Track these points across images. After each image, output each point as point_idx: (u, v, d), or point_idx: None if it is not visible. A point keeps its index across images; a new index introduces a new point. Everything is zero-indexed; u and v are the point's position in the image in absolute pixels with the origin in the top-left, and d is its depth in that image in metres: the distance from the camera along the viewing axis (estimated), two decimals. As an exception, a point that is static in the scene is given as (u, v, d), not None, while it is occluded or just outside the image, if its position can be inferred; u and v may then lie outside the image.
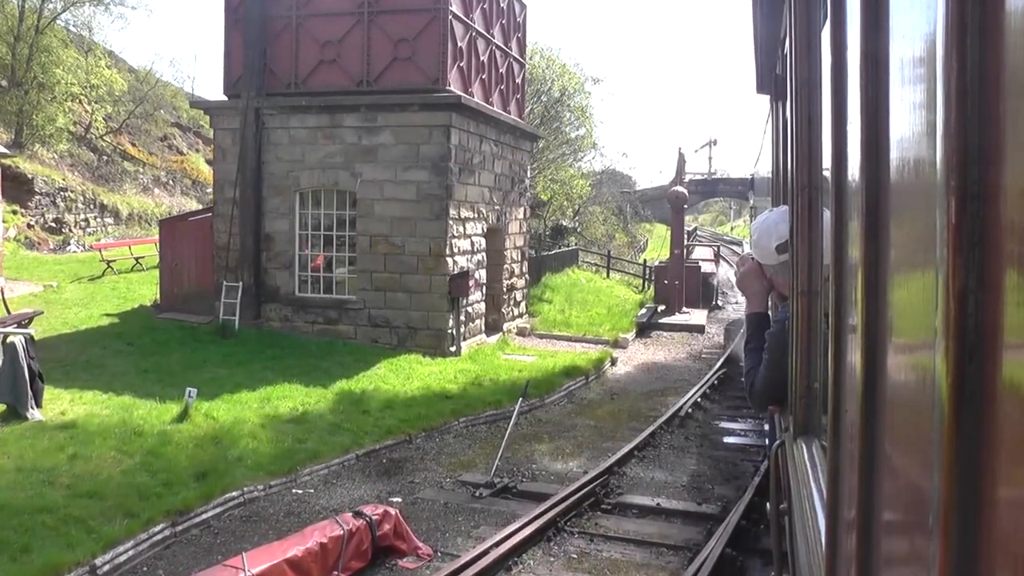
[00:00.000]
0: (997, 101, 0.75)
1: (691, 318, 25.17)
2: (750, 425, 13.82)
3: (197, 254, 20.18)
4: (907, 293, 1.09)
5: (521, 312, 23.08)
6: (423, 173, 17.58)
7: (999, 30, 0.74)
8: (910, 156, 1.06)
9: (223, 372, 14.61)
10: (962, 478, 0.80)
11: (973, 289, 0.78)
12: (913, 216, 1.06)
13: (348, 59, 18.30)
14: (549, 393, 15.37)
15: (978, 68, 0.78)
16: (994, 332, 0.75)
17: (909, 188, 1.08)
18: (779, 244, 3.41)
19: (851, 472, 1.45)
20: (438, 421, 12.94)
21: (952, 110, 0.80)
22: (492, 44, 20.56)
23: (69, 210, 34.50)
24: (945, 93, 0.81)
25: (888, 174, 1.20)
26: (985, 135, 0.77)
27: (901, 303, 1.14)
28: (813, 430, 2.88)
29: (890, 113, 1.20)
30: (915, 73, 1.03)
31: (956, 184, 0.79)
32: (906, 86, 1.10)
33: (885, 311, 1.21)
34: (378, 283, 17.95)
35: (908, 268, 1.10)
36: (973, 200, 0.78)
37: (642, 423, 13.84)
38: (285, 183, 18.56)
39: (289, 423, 12.10)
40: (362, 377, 14.82)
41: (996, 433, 0.75)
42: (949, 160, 0.80)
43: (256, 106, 18.51)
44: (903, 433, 1.12)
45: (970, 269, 0.78)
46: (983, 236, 0.77)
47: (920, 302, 0.96)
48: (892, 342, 1.18)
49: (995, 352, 0.75)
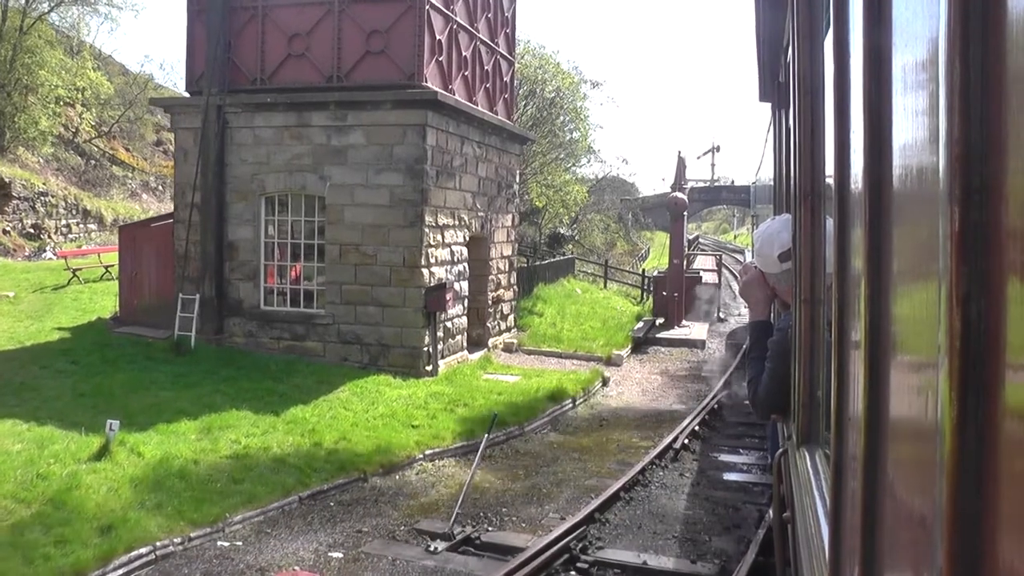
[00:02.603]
0: (1001, 108, 0.75)
1: (691, 332, 23.64)
2: (754, 459, 12.31)
3: (159, 263, 18.71)
4: (910, 301, 1.10)
5: (509, 326, 21.58)
6: (397, 176, 16.12)
7: (1003, 36, 0.74)
8: (913, 163, 1.06)
9: (167, 396, 13.11)
10: (966, 486, 0.79)
11: (976, 297, 0.78)
12: (916, 223, 1.06)
13: (317, 53, 16.86)
14: (530, 419, 13.86)
15: (982, 74, 0.78)
16: (998, 340, 0.75)
17: (912, 195, 1.08)
18: (781, 252, 3.38)
19: (854, 481, 1.44)
20: (400, 455, 11.44)
21: (955, 117, 0.80)
22: (476, 39, 19.11)
23: (49, 215, 33.50)
24: (948, 100, 0.82)
25: (891, 181, 1.21)
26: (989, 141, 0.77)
27: (904, 311, 1.14)
28: (816, 439, 2.88)
29: (893, 120, 1.20)
30: (918, 80, 1.02)
31: (959, 191, 0.80)
32: (909, 93, 1.10)
33: (888, 319, 1.22)
34: (348, 296, 16.48)
35: (911, 276, 1.10)
36: (976, 207, 0.78)
37: (632, 455, 12.34)
38: (249, 187, 17.11)
39: (228, 459, 10.62)
40: (321, 402, 13.32)
41: (1000, 442, 0.75)
42: (952, 167, 0.81)
43: (219, 103, 17.06)
44: (906, 442, 1.11)
45: (973, 277, 0.78)
46: (987, 243, 0.77)
47: (923, 310, 0.96)
48: (895, 351, 1.19)
49: (999, 360, 0.75)
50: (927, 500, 0.89)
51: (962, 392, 0.78)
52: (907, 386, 1.09)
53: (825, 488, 2.23)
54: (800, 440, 3.01)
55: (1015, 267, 0.70)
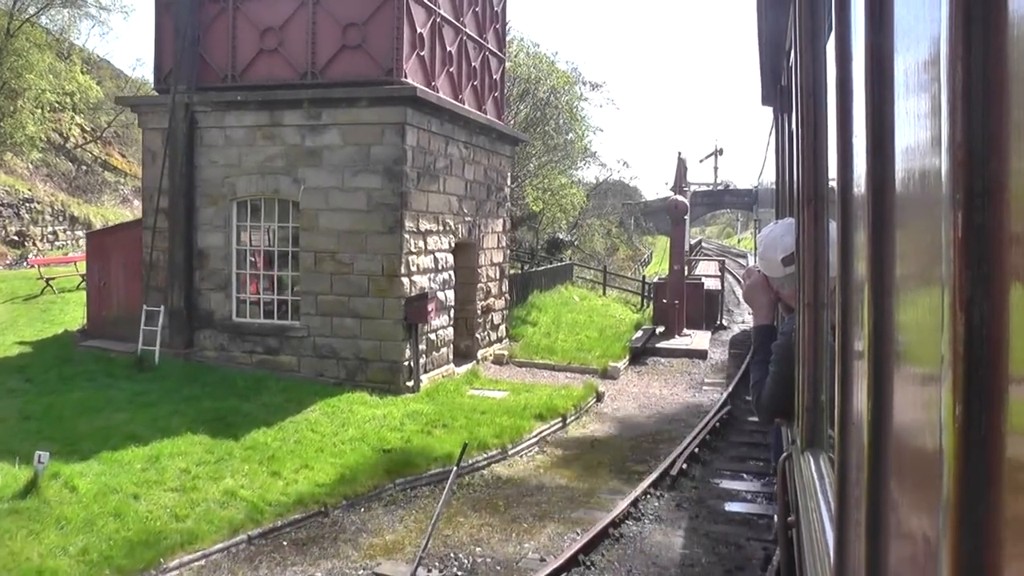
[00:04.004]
0: (1003, 110, 0.74)
1: (692, 342, 22.51)
2: (758, 486, 11.21)
3: (127, 272, 17.65)
4: (913, 305, 1.08)
5: (500, 336, 20.48)
6: (375, 179, 15.06)
7: (1005, 39, 0.74)
8: (916, 167, 1.05)
9: (121, 418, 12.03)
10: (971, 490, 0.78)
11: (979, 301, 0.77)
12: (919, 227, 1.04)
13: (291, 47, 15.82)
14: (516, 441, 12.75)
15: (984, 77, 0.77)
16: (1001, 344, 0.75)
17: (915, 199, 1.07)
18: (785, 256, 3.35)
19: (859, 485, 1.44)
20: (367, 484, 10.36)
21: (958, 120, 0.79)
22: (463, 33, 18.05)
23: (35, 222, 32.75)
24: (951, 103, 0.81)
25: (894, 185, 1.20)
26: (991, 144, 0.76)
27: (907, 315, 1.12)
28: (820, 443, 2.84)
29: (895, 124, 1.20)
30: (920, 83, 1.01)
31: (962, 195, 0.79)
32: (911, 96, 1.08)
33: (892, 323, 1.21)
34: (324, 307, 15.41)
35: (914, 280, 1.08)
36: (979, 210, 0.77)
37: (624, 483, 11.24)
38: (220, 191, 16.06)
39: (173, 491, 9.55)
40: (287, 424, 12.23)
41: (1004, 445, 0.74)
42: (955, 171, 0.80)
43: (187, 101, 16.04)
44: (911, 446, 1.09)
45: (976, 281, 0.78)
46: (989, 246, 0.76)
47: (927, 314, 0.95)
48: (899, 354, 1.16)
49: (1003, 363, 0.74)
50: (932, 504, 0.87)
51: (966, 396, 0.78)
52: (911, 390, 1.08)
53: (830, 492, 2.24)
54: (804, 444, 3.00)
55: (1019, 271, 0.71)
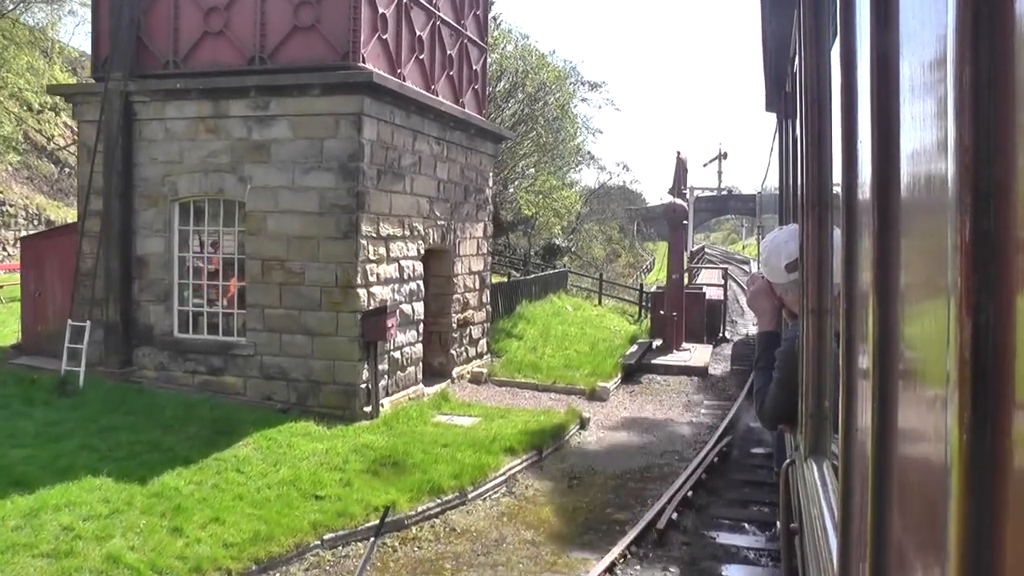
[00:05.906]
0: (1010, 114, 0.74)
1: (691, 357, 20.67)
2: (764, 540, 9.38)
3: (65, 282, 15.85)
4: (919, 312, 1.07)
5: (480, 352, 18.68)
6: (328, 177, 13.30)
7: (1012, 41, 0.73)
8: (921, 171, 1.04)
9: (17, 457, 10.21)
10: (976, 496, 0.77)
11: (986, 307, 0.77)
12: (925, 232, 1.04)
13: (238, 29, 14.06)
14: (479, 482, 10.93)
15: (990, 81, 0.76)
16: (1008, 350, 0.74)
17: (921, 203, 1.06)
18: (789, 263, 3.36)
19: (863, 492, 1.44)
20: (287, 543, 8.55)
21: (965, 123, 0.79)
22: (436, 18, 16.28)
23: (7, 226, 31.35)
24: (957, 107, 0.81)
25: (899, 190, 1.19)
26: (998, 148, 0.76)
27: (913, 322, 1.12)
28: (823, 449, 2.84)
29: (901, 128, 1.19)
30: (926, 87, 1.01)
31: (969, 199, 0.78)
32: (917, 100, 1.08)
33: (896, 330, 1.20)
34: (272, 322, 13.64)
35: (920, 286, 1.08)
36: (986, 214, 0.77)
37: (602, 536, 9.43)
38: (160, 190, 14.32)
39: (43, 558, 7.75)
40: (211, 462, 10.42)
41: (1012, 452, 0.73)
42: (961, 174, 0.80)
43: (123, 90, 14.30)
44: (916, 453, 1.09)
45: (983, 286, 0.77)
46: (996, 251, 0.76)
47: (932, 321, 0.94)
48: (904, 361, 1.16)
49: (1009, 370, 0.74)
50: (937, 511, 0.87)
51: (972, 403, 0.78)
52: (916, 396, 1.09)
53: (833, 499, 2.21)
54: (807, 451, 2.95)
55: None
